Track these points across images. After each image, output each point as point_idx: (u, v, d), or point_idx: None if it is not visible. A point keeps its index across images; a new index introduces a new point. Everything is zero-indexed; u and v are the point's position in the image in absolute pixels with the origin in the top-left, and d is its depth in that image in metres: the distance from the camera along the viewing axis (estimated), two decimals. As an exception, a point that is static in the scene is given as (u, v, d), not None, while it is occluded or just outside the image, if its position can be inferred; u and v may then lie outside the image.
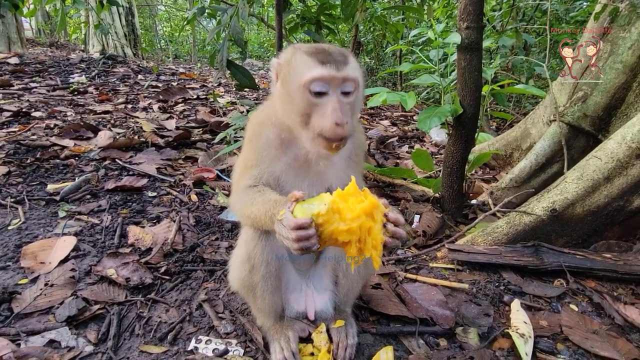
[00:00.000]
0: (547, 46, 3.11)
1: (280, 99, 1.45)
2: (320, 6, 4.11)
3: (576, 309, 2.02)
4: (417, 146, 5.10)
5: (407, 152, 4.89)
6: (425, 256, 2.47)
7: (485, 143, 4.37)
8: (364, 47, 7.46)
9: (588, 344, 1.75)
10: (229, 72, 3.12)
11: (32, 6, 5.26)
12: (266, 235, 1.51)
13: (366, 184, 3.15)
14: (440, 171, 3.57)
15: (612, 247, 2.38)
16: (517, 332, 1.75)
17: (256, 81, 3.30)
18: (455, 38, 2.52)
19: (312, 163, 1.52)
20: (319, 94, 1.33)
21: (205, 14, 3.84)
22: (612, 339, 1.80)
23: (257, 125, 1.58)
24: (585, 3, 6.07)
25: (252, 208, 1.43)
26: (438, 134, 5.41)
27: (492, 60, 5.33)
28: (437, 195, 3.17)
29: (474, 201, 3.34)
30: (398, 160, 4.48)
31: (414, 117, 6.91)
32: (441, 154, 4.81)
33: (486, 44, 3.05)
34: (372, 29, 8.38)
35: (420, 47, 5.54)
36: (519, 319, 1.85)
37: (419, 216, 2.92)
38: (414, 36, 3.48)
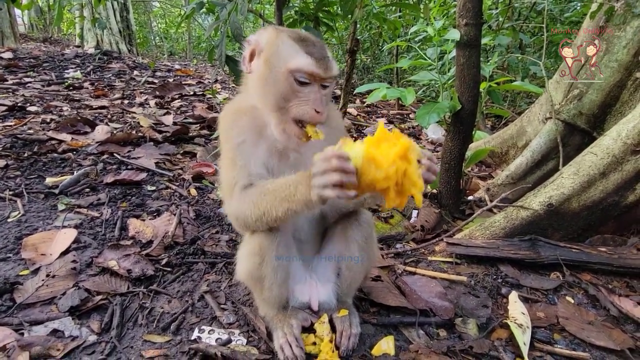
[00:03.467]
0: (544, 45, 3.15)
1: (259, 78, 1.44)
2: (318, 3, 4.11)
3: (572, 300, 2.06)
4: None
5: (403, 149, 4.91)
6: (423, 250, 2.50)
7: (481, 141, 4.42)
8: (361, 45, 7.48)
9: (584, 334, 1.79)
10: (227, 67, 3.12)
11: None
12: (276, 228, 1.52)
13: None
14: (437, 167, 3.60)
15: (607, 241, 2.42)
16: (515, 323, 1.78)
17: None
18: (455, 34, 2.55)
19: (289, 152, 1.53)
20: (302, 83, 1.37)
21: (204, 9, 3.83)
22: (608, 330, 1.84)
23: (229, 116, 1.56)
24: (579, 4, 6.13)
25: (266, 198, 1.37)
26: (434, 132, 5.46)
27: (488, 59, 5.38)
28: (434, 190, 3.20)
29: (470, 197, 3.38)
30: (395, 157, 4.50)
31: (410, 115, 6.94)
32: (437, 151, 4.84)
33: (483, 42, 3.08)
34: (368, 27, 8.41)
35: (418, 44, 5.57)
36: (517, 310, 1.89)
37: (417, 211, 2.95)
38: (412, 33, 3.50)
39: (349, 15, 3.99)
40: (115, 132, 4.01)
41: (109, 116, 4.67)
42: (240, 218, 1.48)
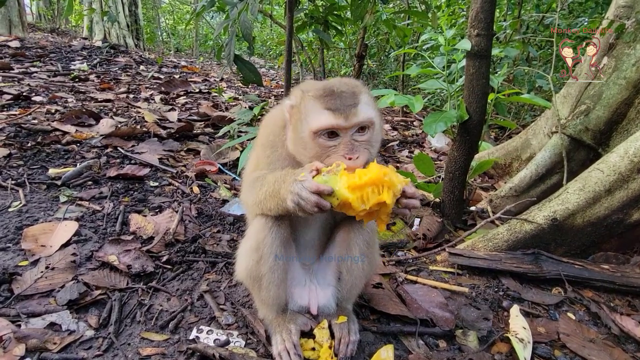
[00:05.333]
0: (553, 58, 3.14)
1: (293, 144, 1.47)
2: (328, 6, 4.13)
3: (573, 317, 2.04)
4: (417, 151, 5.13)
5: (407, 156, 4.92)
6: (425, 259, 2.48)
7: (485, 152, 4.41)
8: (368, 50, 7.49)
9: (585, 351, 1.78)
10: (235, 66, 3.12)
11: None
12: (277, 227, 1.51)
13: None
14: (440, 177, 3.59)
15: (610, 258, 2.41)
16: (516, 337, 1.77)
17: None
18: (466, 44, 2.55)
19: None
20: (330, 139, 1.37)
21: (214, 7, 3.84)
22: (609, 348, 1.82)
23: (271, 134, 1.60)
24: (587, 20, 6.15)
25: (263, 188, 1.44)
26: (438, 140, 5.45)
27: (496, 70, 5.38)
28: (437, 200, 3.19)
29: (473, 208, 3.37)
30: (398, 164, 4.51)
31: (414, 123, 6.94)
32: (441, 160, 4.84)
33: (493, 53, 3.08)
34: (375, 33, 8.42)
35: (426, 53, 5.57)
36: (518, 324, 1.87)
37: (419, 220, 2.94)
38: (422, 41, 3.50)
39: (359, 21, 4.00)
40: (119, 126, 4.00)
41: (114, 110, 4.66)
42: (247, 204, 1.61)
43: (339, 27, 4.38)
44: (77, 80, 5.98)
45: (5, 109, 4.10)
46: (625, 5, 3.18)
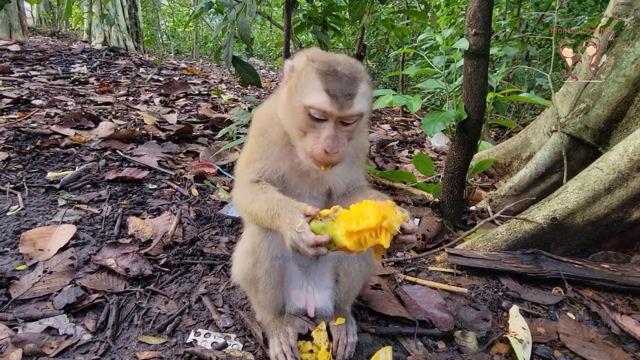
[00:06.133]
0: (552, 57, 3.13)
1: (284, 107, 1.44)
2: (326, 7, 4.11)
3: (573, 317, 2.03)
4: (417, 151, 5.12)
5: (407, 156, 4.91)
6: (424, 259, 2.47)
7: (485, 151, 4.39)
8: (367, 50, 7.49)
9: (585, 352, 1.76)
10: (233, 68, 3.12)
11: (37, -6, 5.24)
12: (272, 230, 1.51)
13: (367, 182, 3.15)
14: (440, 176, 3.58)
15: (610, 257, 2.39)
16: (515, 338, 1.76)
17: (258, 79, 3.28)
18: (463, 44, 2.54)
19: (310, 172, 1.54)
20: (317, 119, 1.33)
21: (213, 9, 3.83)
22: (609, 348, 1.81)
23: (262, 122, 1.58)
24: (586, 18, 6.13)
25: (254, 206, 1.43)
26: (438, 140, 5.44)
27: (495, 70, 5.37)
28: (437, 200, 3.18)
29: (472, 207, 3.36)
30: (398, 164, 4.50)
31: (414, 123, 6.94)
32: (440, 160, 4.83)
33: (491, 52, 3.07)
34: (375, 32, 8.42)
35: (425, 52, 5.57)
36: (518, 325, 1.86)
37: (418, 220, 2.92)
38: (420, 41, 3.49)
39: (357, 21, 3.99)
40: (119, 128, 4.00)
41: (113, 112, 4.66)
42: (237, 204, 1.61)
43: (338, 28, 4.36)
44: (76, 83, 5.99)
45: (5, 113, 4.10)
46: (624, 3, 3.16)
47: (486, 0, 2.46)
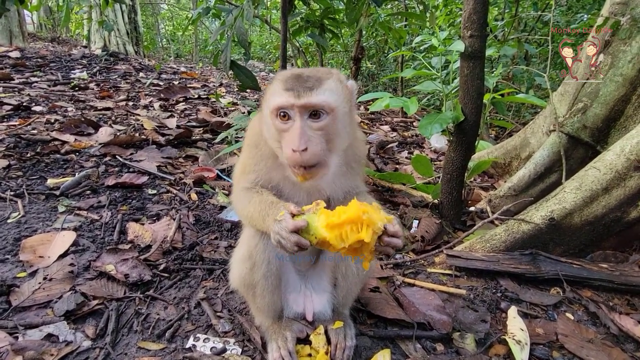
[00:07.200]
0: (549, 56, 3.14)
1: (263, 124, 1.48)
2: (324, 10, 4.13)
3: (572, 317, 2.03)
4: (416, 152, 5.12)
5: (406, 157, 4.92)
6: (423, 261, 2.48)
7: (484, 151, 4.40)
8: (365, 52, 7.50)
9: (583, 352, 1.77)
10: (231, 72, 3.13)
11: (35, 0, 5.27)
12: (268, 235, 1.51)
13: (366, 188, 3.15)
14: (439, 177, 3.59)
15: (608, 257, 2.39)
16: (513, 339, 1.76)
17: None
18: (459, 46, 2.55)
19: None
20: (285, 120, 1.34)
21: (210, 14, 3.85)
22: (607, 348, 1.81)
23: (254, 135, 1.60)
24: (585, 16, 6.13)
25: (249, 207, 1.47)
26: (437, 141, 5.44)
27: (493, 69, 5.37)
28: (436, 201, 3.19)
29: (472, 208, 3.36)
30: (397, 166, 4.50)
31: (414, 124, 6.94)
32: (440, 161, 4.83)
33: (488, 52, 3.08)
34: (374, 34, 8.43)
35: (422, 54, 5.58)
36: (516, 326, 1.87)
37: (417, 221, 2.93)
38: (417, 43, 3.50)
39: (355, 23, 4.01)
40: (118, 134, 4.02)
41: (113, 118, 4.68)
42: (235, 208, 1.64)
43: (335, 31, 4.38)
44: (77, 89, 6.01)
45: (5, 120, 4.13)
46: (620, 2, 3.16)
47: (481, 2, 2.47)
